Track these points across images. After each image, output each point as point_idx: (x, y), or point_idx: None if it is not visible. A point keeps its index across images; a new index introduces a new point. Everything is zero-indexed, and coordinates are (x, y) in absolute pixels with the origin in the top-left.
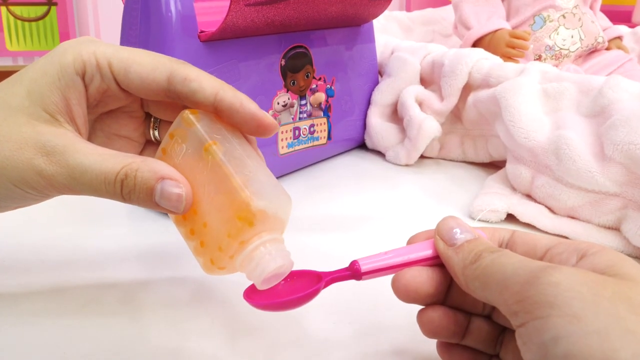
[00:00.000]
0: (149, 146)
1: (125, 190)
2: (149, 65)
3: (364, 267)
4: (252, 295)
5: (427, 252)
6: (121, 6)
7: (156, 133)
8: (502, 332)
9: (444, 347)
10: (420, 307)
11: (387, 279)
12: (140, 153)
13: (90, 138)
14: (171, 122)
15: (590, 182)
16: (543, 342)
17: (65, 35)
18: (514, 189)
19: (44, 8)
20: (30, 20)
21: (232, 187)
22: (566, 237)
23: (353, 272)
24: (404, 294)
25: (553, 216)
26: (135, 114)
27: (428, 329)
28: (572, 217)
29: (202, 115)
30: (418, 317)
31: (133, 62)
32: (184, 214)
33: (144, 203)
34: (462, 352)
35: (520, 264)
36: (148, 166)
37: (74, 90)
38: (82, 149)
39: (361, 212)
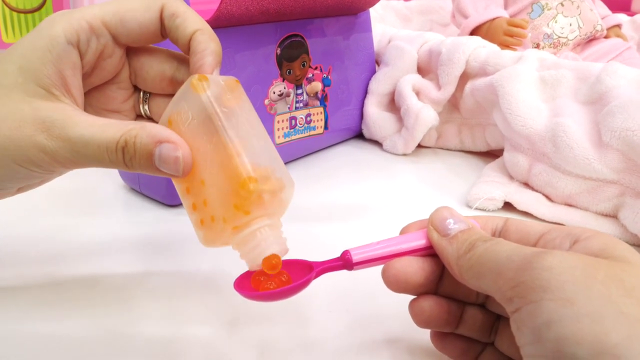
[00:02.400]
0: (140, 121)
1: (127, 157)
2: (141, 8)
3: (355, 257)
4: (243, 285)
5: (420, 242)
6: None
7: (146, 107)
8: (497, 321)
9: (437, 336)
10: (412, 297)
11: (380, 268)
12: None
13: None
14: (160, 96)
15: (588, 170)
16: (536, 326)
17: None
18: (511, 177)
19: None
20: (25, 12)
21: (234, 168)
22: (563, 225)
23: (344, 262)
24: (394, 284)
25: (550, 204)
26: (123, 85)
27: (420, 319)
28: (570, 205)
29: (211, 82)
30: (410, 307)
31: (125, 10)
32: (184, 176)
33: (145, 168)
34: (455, 341)
35: (513, 251)
36: (146, 131)
37: (67, 60)
38: (81, 121)
39: (358, 202)
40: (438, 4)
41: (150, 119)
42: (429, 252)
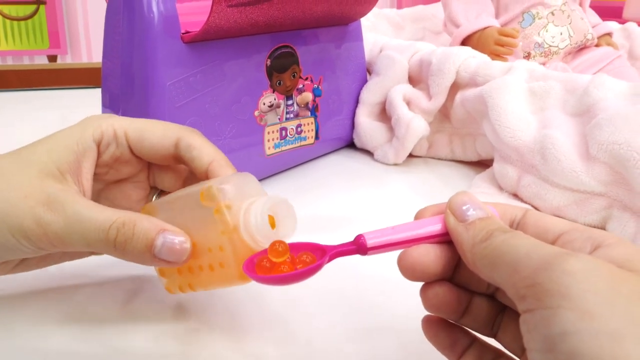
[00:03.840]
0: None
1: (120, 239)
2: (159, 132)
3: (369, 242)
4: (252, 268)
5: (436, 228)
6: None
7: None
8: (501, 313)
9: (431, 325)
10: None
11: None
12: None
13: None
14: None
15: (576, 182)
16: (550, 334)
17: (54, 34)
18: (501, 188)
19: (33, 7)
20: (18, 20)
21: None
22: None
23: (358, 246)
24: (411, 273)
25: None
26: (141, 185)
27: (431, 304)
28: (558, 217)
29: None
30: (422, 291)
31: (146, 130)
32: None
33: (138, 255)
34: (449, 331)
35: (533, 247)
36: (147, 218)
37: (88, 155)
38: (82, 202)
39: (349, 212)
40: (431, 12)
41: None
42: (445, 238)
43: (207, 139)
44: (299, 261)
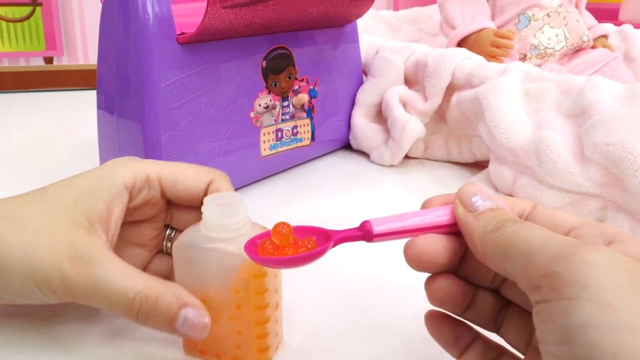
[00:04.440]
0: (159, 256)
1: (143, 311)
2: (193, 177)
3: (376, 229)
4: (254, 250)
5: (444, 218)
6: None
7: (168, 245)
8: (505, 308)
9: (435, 320)
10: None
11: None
12: (149, 262)
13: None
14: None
15: (571, 183)
16: (568, 326)
17: (50, 36)
18: (496, 189)
19: (29, 8)
20: (14, 21)
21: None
22: None
23: (364, 232)
24: (417, 262)
25: None
26: (157, 225)
27: (436, 297)
28: None
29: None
30: (427, 283)
31: (180, 175)
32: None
33: (160, 326)
34: (453, 326)
35: (549, 237)
36: (170, 290)
37: (119, 202)
38: (108, 264)
39: (346, 213)
40: (427, 14)
41: (169, 254)
42: (452, 229)
43: (231, 184)
44: (302, 245)
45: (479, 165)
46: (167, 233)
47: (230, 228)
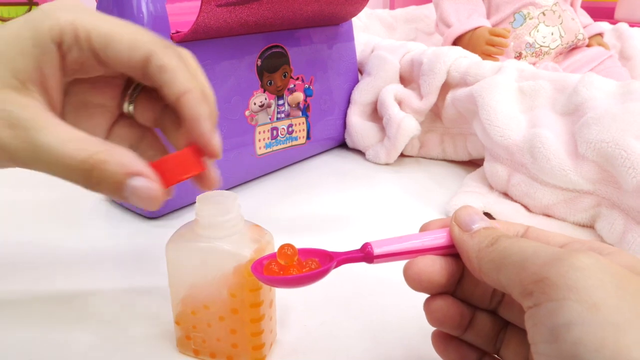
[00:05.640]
0: (122, 119)
1: (93, 180)
2: (127, 43)
3: (376, 251)
4: (261, 270)
5: (442, 240)
6: None
7: (131, 108)
8: (504, 329)
9: (441, 339)
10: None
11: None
12: (112, 125)
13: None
14: (147, 100)
15: (564, 180)
16: (555, 325)
17: None
18: (491, 187)
19: (25, 8)
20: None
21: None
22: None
23: (365, 254)
24: (416, 282)
25: (529, 215)
26: (115, 82)
27: (434, 317)
28: (548, 216)
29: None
30: (426, 304)
31: (112, 38)
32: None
33: (110, 194)
34: (458, 346)
35: (540, 247)
36: (115, 158)
37: (48, 59)
38: (48, 126)
39: (341, 212)
40: (423, 13)
41: (132, 117)
42: (450, 251)
43: (193, 58)
44: (306, 265)
45: (474, 164)
46: (129, 94)
47: (224, 226)
